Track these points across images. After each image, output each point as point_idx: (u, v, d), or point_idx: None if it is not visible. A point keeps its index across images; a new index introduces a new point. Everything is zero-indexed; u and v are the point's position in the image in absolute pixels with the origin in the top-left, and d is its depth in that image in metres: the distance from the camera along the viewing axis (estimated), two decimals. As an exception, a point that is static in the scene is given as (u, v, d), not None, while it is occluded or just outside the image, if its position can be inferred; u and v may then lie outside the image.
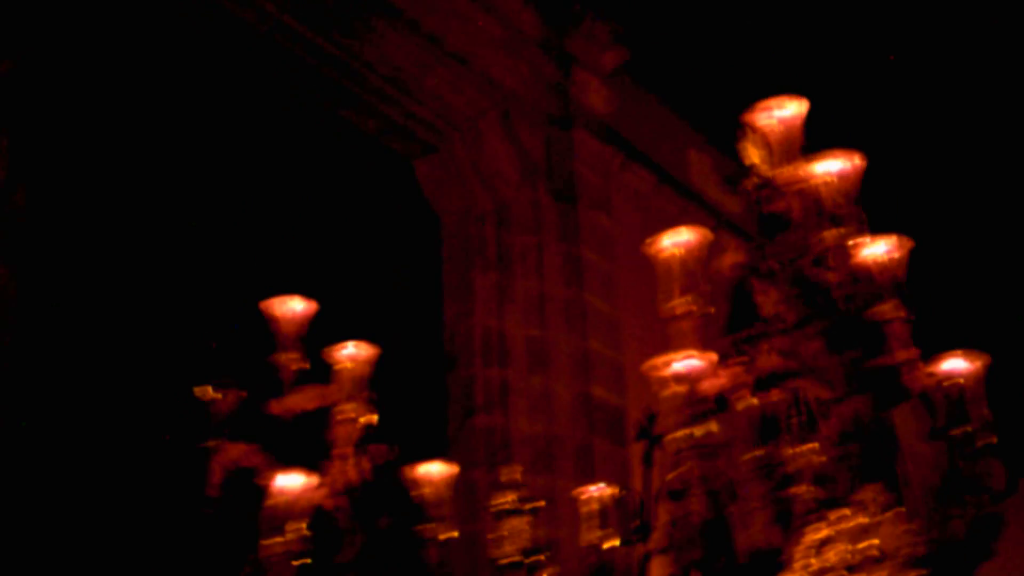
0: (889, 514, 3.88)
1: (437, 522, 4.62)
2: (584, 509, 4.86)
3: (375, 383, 7.76)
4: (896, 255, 4.19)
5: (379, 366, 7.89)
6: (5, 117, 6.10)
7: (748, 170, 4.31)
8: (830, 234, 4.01)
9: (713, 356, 4.06)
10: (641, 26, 8.71)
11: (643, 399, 5.80)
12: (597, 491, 4.89)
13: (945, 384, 4.09)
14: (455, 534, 4.58)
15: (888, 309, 4.11)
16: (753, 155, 4.29)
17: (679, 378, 4.03)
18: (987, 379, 4.13)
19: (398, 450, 4.53)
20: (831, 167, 4.00)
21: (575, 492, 4.93)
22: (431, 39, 8.22)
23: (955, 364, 4.10)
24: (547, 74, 8.76)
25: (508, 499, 4.60)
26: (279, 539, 4.40)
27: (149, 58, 7.30)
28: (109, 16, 7.06)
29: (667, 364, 4.07)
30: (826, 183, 4.01)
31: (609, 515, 4.88)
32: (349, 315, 8.11)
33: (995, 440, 4.03)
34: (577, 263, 8.63)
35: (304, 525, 4.39)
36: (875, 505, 3.90)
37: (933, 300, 4.24)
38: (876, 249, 4.16)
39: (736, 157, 4.39)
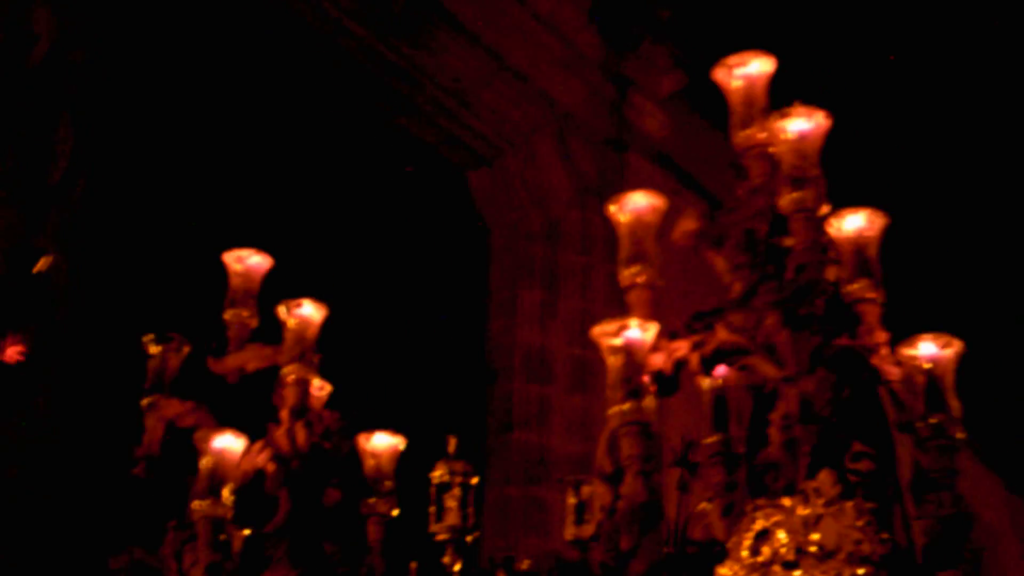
0: (836, 507, 3.28)
1: (380, 497, 4.11)
2: (570, 501, 4.34)
3: (419, 389, 7.48)
4: (870, 231, 3.63)
5: (422, 374, 7.64)
6: (73, 107, 5.81)
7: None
8: (787, 198, 3.45)
9: (654, 327, 3.51)
10: (700, 52, 8.21)
11: (681, 425, 5.25)
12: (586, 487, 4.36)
13: (913, 370, 3.49)
14: (395, 511, 4.05)
15: (857, 289, 3.56)
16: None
17: (617, 349, 3.50)
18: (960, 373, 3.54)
19: (345, 419, 4.01)
20: (792, 126, 3.45)
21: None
22: (492, 53, 7.94)
23: (926, 349, 3.51)
24: (604, 95, 8.36)
25: (443, 472, 4.05)
26: (209, 503, 3.92)
27: (211, 55, 7.06)
28: (176, 12, 6.83)
29: (613, 332, 3.53)
30: (786, 143, 3.46)
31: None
32: (393, 321, 7.83)
33: (963, 435, 3.43)
34: (624, 285, 8.14)
35: (231, 490, 3.90)
36: (822, 496, 3.31)
37: (902, 279, 3.63)
38: (848, 223, 3.61)
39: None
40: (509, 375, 8.05)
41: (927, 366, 3.50)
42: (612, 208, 3.71)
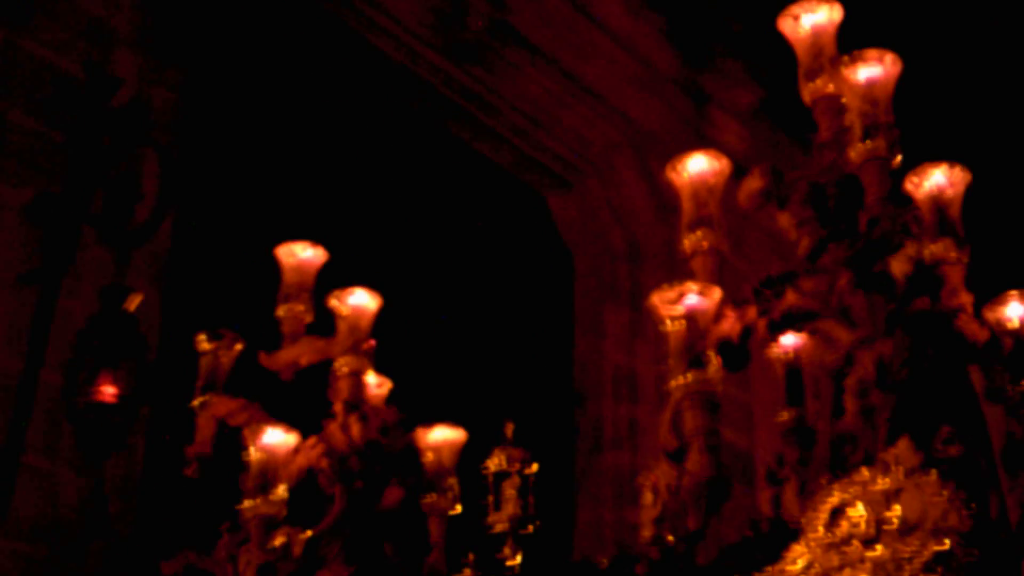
0: (918, 477, 2.90)
1: (440, 494, 3.79)
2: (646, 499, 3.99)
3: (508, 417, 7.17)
4: (952, 188, 3.28)
5: (510, 399, 7.34)
6: (158, 146, 5.67)
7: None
8: (858, 148, 3.10)
9: (717, 293, 3.18)
10: (776, 64, 7.86)
11: (771, 441, 4.97)
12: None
13: (1001, 333, 3.12)
14: (458, 508, 3.73)
15: (939, 249, 3.20)
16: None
17: (678, 317, 3.16)
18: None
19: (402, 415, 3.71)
20: (861, 71, 3.11)
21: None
22: (568, 75, 7.66)
23: (1014, 309, 3.13)
24: (681, 111, 8.03)
25: (498, 460, 3.72)
26: (260, 501, 3.64)
27: (291, 88, 6.90)
28: (255, 47, 6.69)
29: (673, 299, 3.20)
30: (855, 90, 3.12)
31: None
32: (480, 348, 7.55)
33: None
34: (710, 301, 7.80)
35: (284, 488, 3.61)
36: (902, 465, 2.94)
37: (985, 237, 3.26)
38: (929, 180, 3.25)
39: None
40: (598, 396, 7.74)
41: (1015, 327, 3.12)
42: (672, 172, 3.39)
